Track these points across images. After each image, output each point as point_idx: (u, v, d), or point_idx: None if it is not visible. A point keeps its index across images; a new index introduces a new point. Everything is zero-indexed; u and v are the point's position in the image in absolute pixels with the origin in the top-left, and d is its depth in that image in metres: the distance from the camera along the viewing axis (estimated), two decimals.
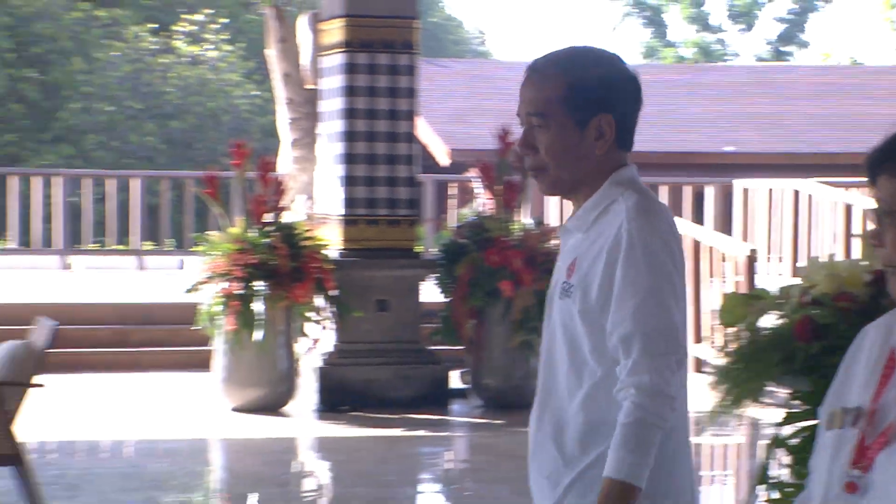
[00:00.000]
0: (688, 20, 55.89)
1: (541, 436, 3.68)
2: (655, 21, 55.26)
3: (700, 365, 15.30)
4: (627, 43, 54.80)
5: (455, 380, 14.32)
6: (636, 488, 3.42)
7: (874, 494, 3.02)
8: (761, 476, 6.11)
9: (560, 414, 3.64)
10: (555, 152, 3.65)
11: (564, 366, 3.64)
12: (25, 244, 22.79)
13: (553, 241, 13.69)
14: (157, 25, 36.27)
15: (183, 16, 36.74)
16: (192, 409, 13.71)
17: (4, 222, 22.60)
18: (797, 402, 6.16)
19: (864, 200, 17.35)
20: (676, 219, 12.80)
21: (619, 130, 3.67)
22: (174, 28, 36.24)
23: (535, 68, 3.74)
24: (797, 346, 5.86)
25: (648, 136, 29.19)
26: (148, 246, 22.85)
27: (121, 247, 23.22)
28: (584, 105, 3.64)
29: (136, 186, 22.52)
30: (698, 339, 15.37)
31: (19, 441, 9.11)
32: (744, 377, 5.80)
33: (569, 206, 4.01)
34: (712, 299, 15.20)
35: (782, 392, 6.36)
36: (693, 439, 12.97)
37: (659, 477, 3.56)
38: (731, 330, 6.36)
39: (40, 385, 9.27)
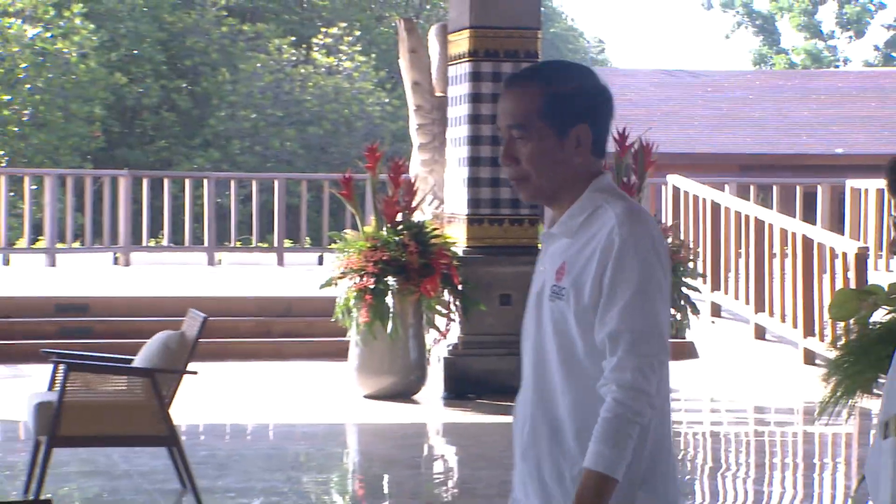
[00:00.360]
0: (798, 28, 55.38)
1: (534, 436, 3.65)
2: (766, 29, 54.73)
3: (811, 358, 15.12)
4: (738, 50, 54.40)
5: None
6: (613, 479, 3.42)
7: None
8: None
9: (554, 413, 3.62)
10: (536, 162, 3.61)
11: (556, 367, 3.60)
12: (177, 242, 23.17)
13: (667, 239, 13.65)
14: (296, 38, 36.47)
15: (322, 29, 36.94)
16: (328, 395, 13.79)
17: (160, 221, 22.89)
18: None
19: None
20: (787, 218, 12.78)
21: (594, 139, 3.64)
22: (313, 41, 36.43)
23: (514, 82, 3.71)
24: None
25: (761, 139, 28.91)
26: (288, 243, 23.01)
27: (263, 244, 23.46)
28: (563, 116, 3.60)
29: (277, 188, 22.69)
30: (809, 334, 15.22)
31: (174, 424, 9.26)
32: (855, 370, 5.69)
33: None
34: (823, 295, 15.02)
35: None
36: (804, 428, 12.92)
37: (650, 467, 3.57)
38: (841, 324, 6.24)
39: (193, 372, 9.44)
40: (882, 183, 19.86)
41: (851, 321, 6.05)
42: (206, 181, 23.58)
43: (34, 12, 32.46)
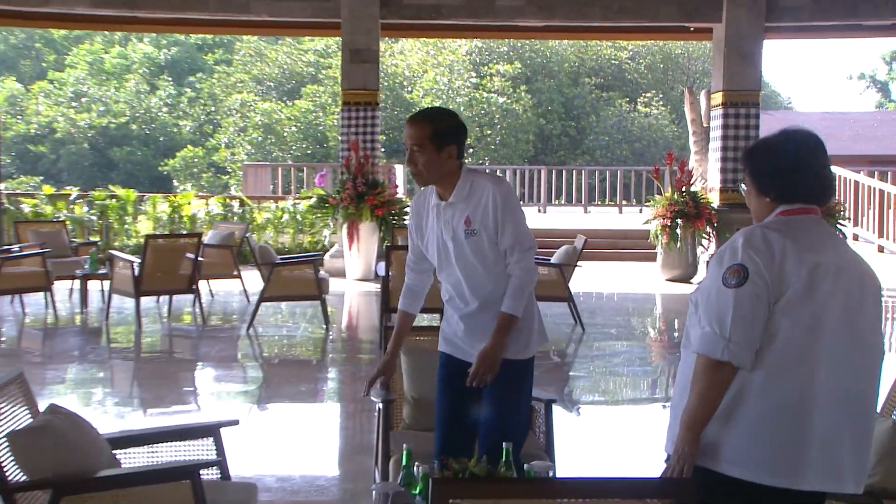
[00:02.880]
0: None
1: (476, 307, 3.50)
2: (883, 89, 48.90)
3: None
4: (868, 100, 49.43)
5: None
6: (517, 317, 3.43)
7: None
8: None
9: (485, 295, 3.48)
10: (427, 166, 3.46)
11: (481, 270, 3.47)
12: (555, 203, 22.91)
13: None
14: (629, 98, 35.66)
15: (643, 93, 36.01)
16: (648, 280, 13.59)
17: (571, 188, 22.73)
18: None
19: None
20: (883, 184, 11.55)
21: (458, 151, 3.48)
22: (638, 99, 35.59)
23: (416, 119, 3.52)
24: None
25: (880, 149, 26.46)
26: (624, 202, 22.59)
27: (610, 203, 23.01)
28: (441, 141, 3.45)
29: (619, 175, 22.46)
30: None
31: (570, 290, 9.33)
32: None
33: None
34: None
35: None
36: None
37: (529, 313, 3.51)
38: None
39: (579, 266, 9.57)
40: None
41: None
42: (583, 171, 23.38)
43: (503, 90, 32.90)
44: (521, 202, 22.51)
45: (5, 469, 2.95)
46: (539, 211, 21.72)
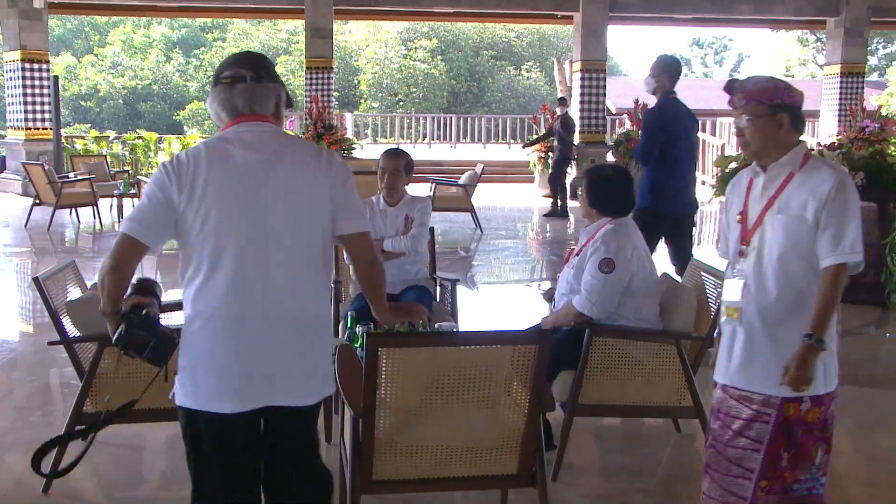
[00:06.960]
0: (704, 66, 48.07)
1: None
2: (689, 66, 47.92)
3: (704, 182, 14.23)
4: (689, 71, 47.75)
5: None
6: None
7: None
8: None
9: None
10: (402, 187, 3.63)
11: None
12: None
13: None
14: (514, 66, 34.66)
15: (525, 62, 34.99)
16: (527, 196, 13.24)
17: None
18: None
19: None
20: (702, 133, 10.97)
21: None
22: (522, 67, 34.55)
23: (396, 154, 3.60)
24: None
25: (701, 104, 25.76)
26: (512, 141, 22.06)
27: (502, 141, 22.52)
28: (409, 170, 3.62)
29: (508, 121, 21.88)
30: (702, 173, 14.13)
31: (473, 204, 8.94)
32: (721, 187, 5.45)
33: None
34: (710, 158, 14.07)
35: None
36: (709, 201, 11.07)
37: None
38: (718, 168, 5.90)
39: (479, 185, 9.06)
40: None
41: (721, 168, 5.75)
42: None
43: (424, 59, 31.64)
44: (437, 141, 22.16)
45: (65, 327, 2.97)
46: (450, 147, 21.48)
